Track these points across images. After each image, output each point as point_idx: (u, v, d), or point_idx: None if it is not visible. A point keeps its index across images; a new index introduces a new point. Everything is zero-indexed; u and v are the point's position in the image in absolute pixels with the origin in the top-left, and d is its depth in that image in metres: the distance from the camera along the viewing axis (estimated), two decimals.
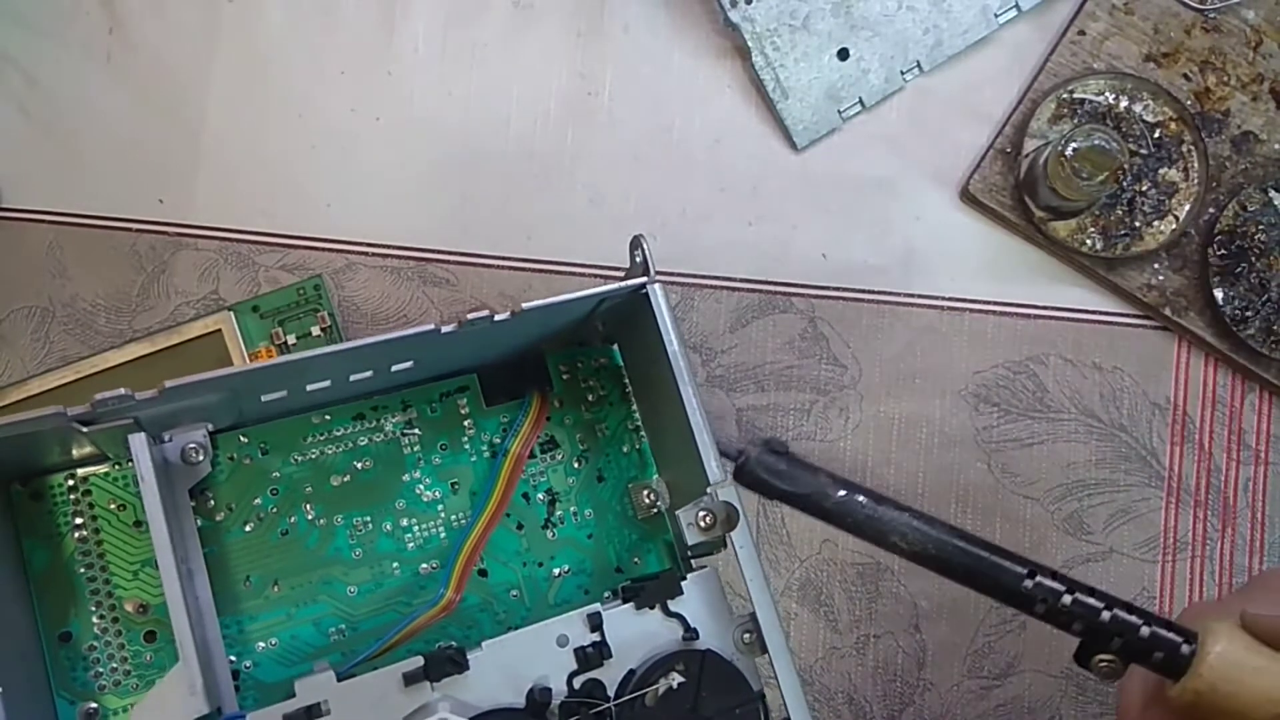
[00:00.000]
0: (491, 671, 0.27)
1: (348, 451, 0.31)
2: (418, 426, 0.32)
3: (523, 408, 0.33)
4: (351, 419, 0.32)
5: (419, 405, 0.32)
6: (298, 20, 0.41)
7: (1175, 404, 0.39)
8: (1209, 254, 0.38)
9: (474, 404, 0.33)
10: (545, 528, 0.33)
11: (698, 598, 0.30)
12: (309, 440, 0.31)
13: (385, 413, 0.32)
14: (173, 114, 0.41)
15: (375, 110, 0.41)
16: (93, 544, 0.29)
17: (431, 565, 0.32)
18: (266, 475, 0.31)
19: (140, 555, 0.30)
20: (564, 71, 0.40)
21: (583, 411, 0.34)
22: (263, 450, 0.31)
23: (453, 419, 0.33)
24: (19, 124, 0.41)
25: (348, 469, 0.31)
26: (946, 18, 0.39)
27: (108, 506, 0.30)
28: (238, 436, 0.31)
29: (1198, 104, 0.39)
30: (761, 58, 0.39)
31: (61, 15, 0.41)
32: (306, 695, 0.26)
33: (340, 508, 0.31)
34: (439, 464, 0.32)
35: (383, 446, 0.32)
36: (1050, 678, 0.38)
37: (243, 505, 0.30)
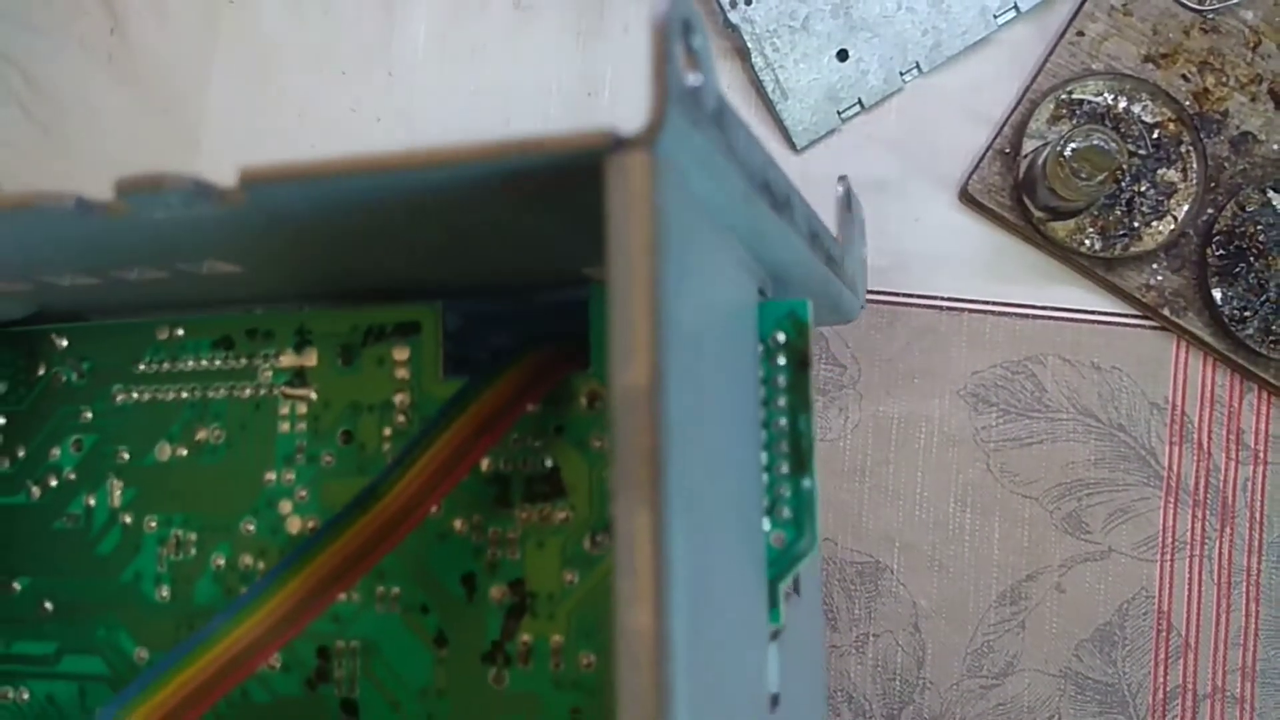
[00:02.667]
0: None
1: (193, 404, 0.18)
2: (314, 383, 0.18)
3: (485, 376, 0.16)
4: (212, 345, 0.19)
5: (325, 344, 0.18)
6: (298, 20, 0.41)
7: (1174, 404, 0.39)
8: (1207, 254, 0.38)
9: (422, 363, 0.17)
10: (490, 660, 0.17)
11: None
12: (144, 366, 0.19)
13: (268, 346, 0.18)
14: (173, 114, 0.41)
15: (375, 110, 0.41)
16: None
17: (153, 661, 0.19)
18: (75, 412, 0.19)
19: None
20: (564, 72, 0.40)
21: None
22: (79, 370, 0.19)
23: (377, 385, 0.18)
24: (18, 123, 0.41)
25: (185, 437, 0.19)
26: (945, 19, 0.39)
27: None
28: (51, 336, 0.19)
29: (1196, 105, 0.39)
30: (761, 59, 0.39)
31: (61, 15, 0.41)
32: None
33: (159, 504, 0.19)
34: (330, 468, 0.18)
35: (248, 410, 0.18)
36: (1049, 676, 0.38)
37: (35, 455, 0.19)
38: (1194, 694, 0.38)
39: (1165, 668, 0.39)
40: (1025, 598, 0.39)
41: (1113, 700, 0.38)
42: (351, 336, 0.18)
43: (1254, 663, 0.39)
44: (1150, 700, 0.38)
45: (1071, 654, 0.38)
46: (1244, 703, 0.38)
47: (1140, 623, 0.39)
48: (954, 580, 0.39)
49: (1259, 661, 0.38)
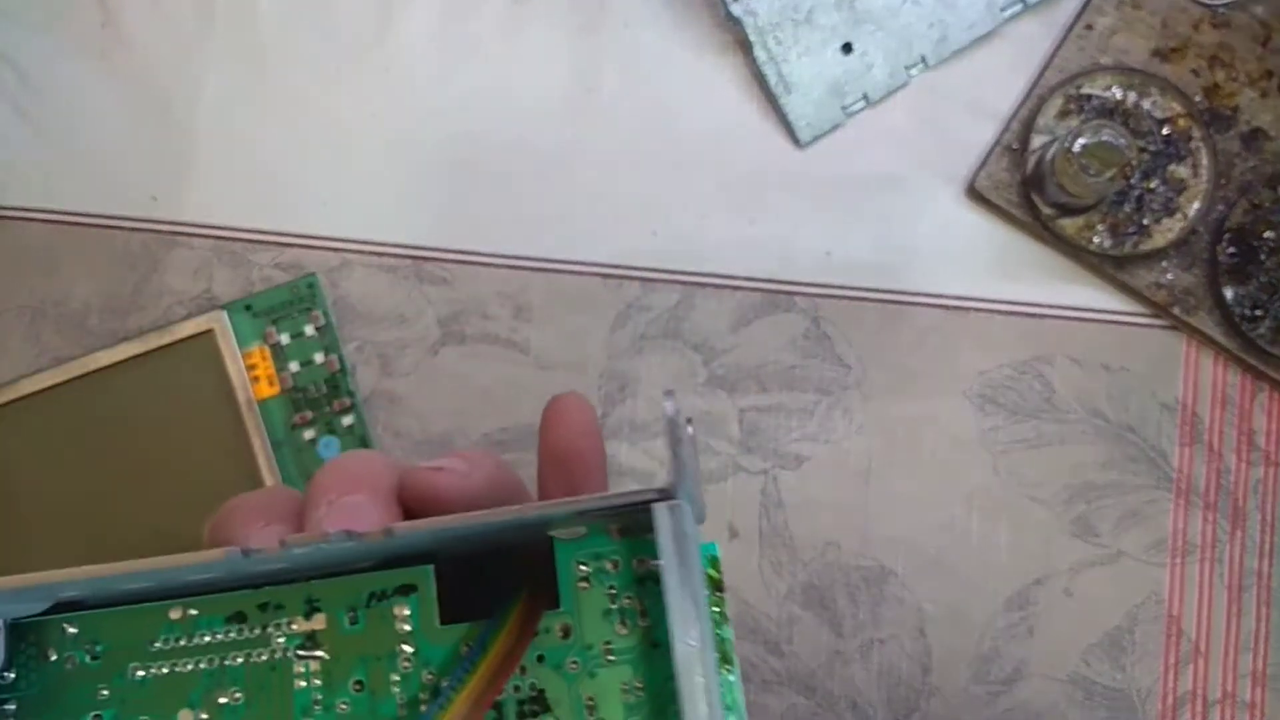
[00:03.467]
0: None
1: (210, 672, 0.20)
2: (324, 646, 0.20)
3: (491, 626, 0.20)
4: (225, 620, 0.20)
5: (333, 608, 0.20)
6: (293, 16, 0.40)
7: (1184, 404, 0.38)
8: (1219, 252, 0.37)
9: (422, 616, 0.20)
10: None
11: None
12: (159, 645, 0.20)
13: (279, 615, 0.20)
14: (166, 111, 0.40)
15: (371, 107, 0.40)
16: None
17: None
18: (92, 690, 0.20)
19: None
20: (563, 68, 0.40)
21: (601, 653, 0.19)
22: (92, 653, 0.20)
23: (382, 639, 0.20)
24: (11, 121, 0.41)
25: (205, 702, 0.20)
26: (952, 12, 0.38)
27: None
28: (61, 625, 0.20)
29: (1206, 100, 0.38)
30: (764, 52, 0.38)
31: (54, 11, 0.41)
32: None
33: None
34: (346, 713, 0.20)
35: (264, 672, 0.20)
36: (1058, 682, 0.38)
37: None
38: (1204, 700, 0.38)
39: (1175, 673, 0.38)
40: (1033, 602, 0.38)
41: (1122, 706, 0.38)
42: (356, 601, 0.20)
43: (1264, 668, 0.38)
44: (1160, 706, 0.38)
45: (1080, 659, 0.38)
46: (1255, 708, 0.38)
47: (1150, 627, 0.38)
48: (961, 585, 0.38)
49: (1270, 666, 0.38)
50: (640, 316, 0.39)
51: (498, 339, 0.39)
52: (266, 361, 0.38)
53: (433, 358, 0.39)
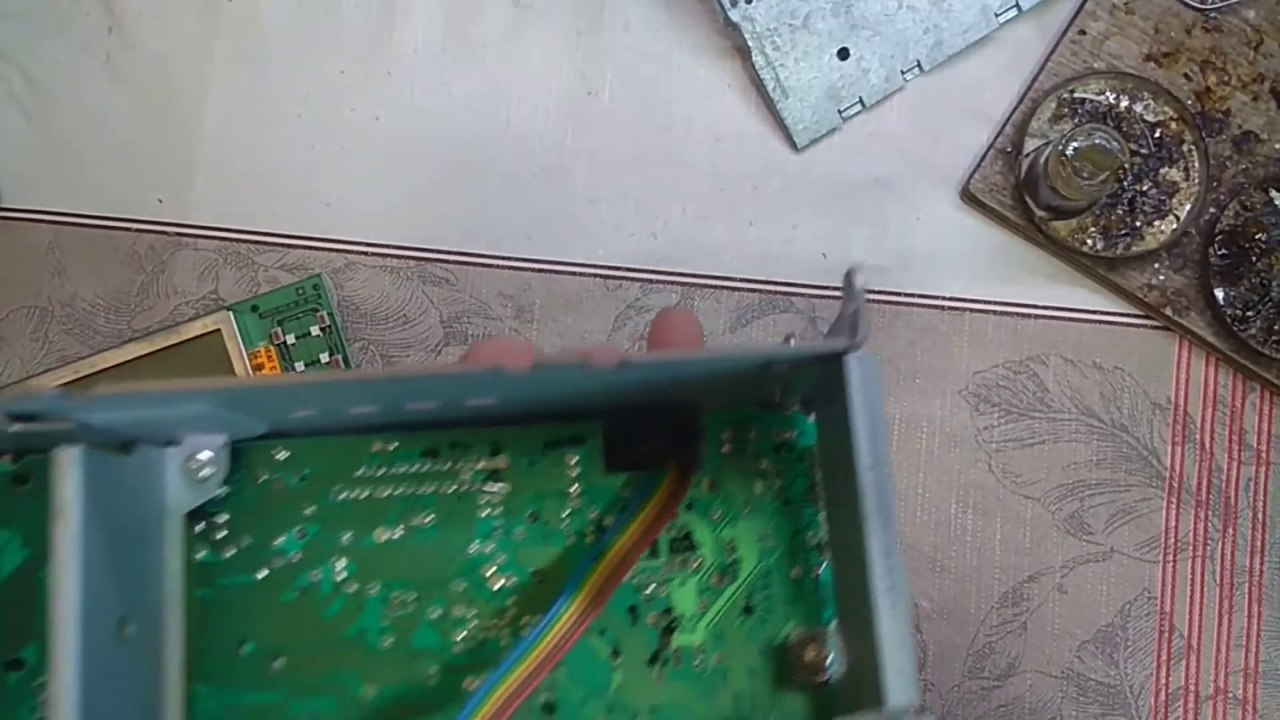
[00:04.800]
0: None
1: (405, 498, 0.23)
2: (506, 480, 0.24)
3: (655, 478, 0.23)
4: (421, 454, 0.24)
5: (514, 452, 0.23)
6: (297, 20, 0.41)
7: (1176, 404, 0.39)
8: (1210, 254, 0.38)
9: (589, 464, 0.24)
10: (653, 663, 0.23)
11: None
12: (361, 472, 0.23)
13: (466, 454, 0.23)
14: (172, 113, 0.41)
15: (375, 110, 0.40)
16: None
17: (478, 681, 0.23)
18: (298, 508, 0.23)
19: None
20: (564, 71, 0.40)
21: (741, 506, 0.24)
22: (301, 475, 0.23)
23: (555, 479, 0.24)
24: (18, 124, 0.41)
25: (400, 522, 0.23)
26: (947, 17, 0.39)
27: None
28: (273, 450, 0.23)
29: (1198, 104, 0.39)
30: (762, 57, 0.39)
31: (60, 14, 0.41)
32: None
33: (379, 573, 0.23)
34: (522, 539, 0.23)
35: (452, 501, 0.23)
36: (1051, 678, 0.38)
37: (260, 543, 0.23)
38: (1196, 695, 0.38)
39: (1168, 669, 0.38)
40: (1027, 599, 0.38)
41: (1115, 701, 0.38)
42: (534, 446, 0.24)
43: (1256, 664, 0.38)
44: (1152, 702, 0.38)
45: (1073, 655, 0.38)
46: (1246, 704, 0.38)
47: (1142, 624, 0.38)
48: (955, 581, 0.39)
49: (1261, 663, 0.38)
50: (640, 317, 0.40)
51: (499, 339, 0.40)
52: (273, 361, 0.39)
53: (435, 358, 0.40)
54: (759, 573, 0.24)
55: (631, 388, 0.21)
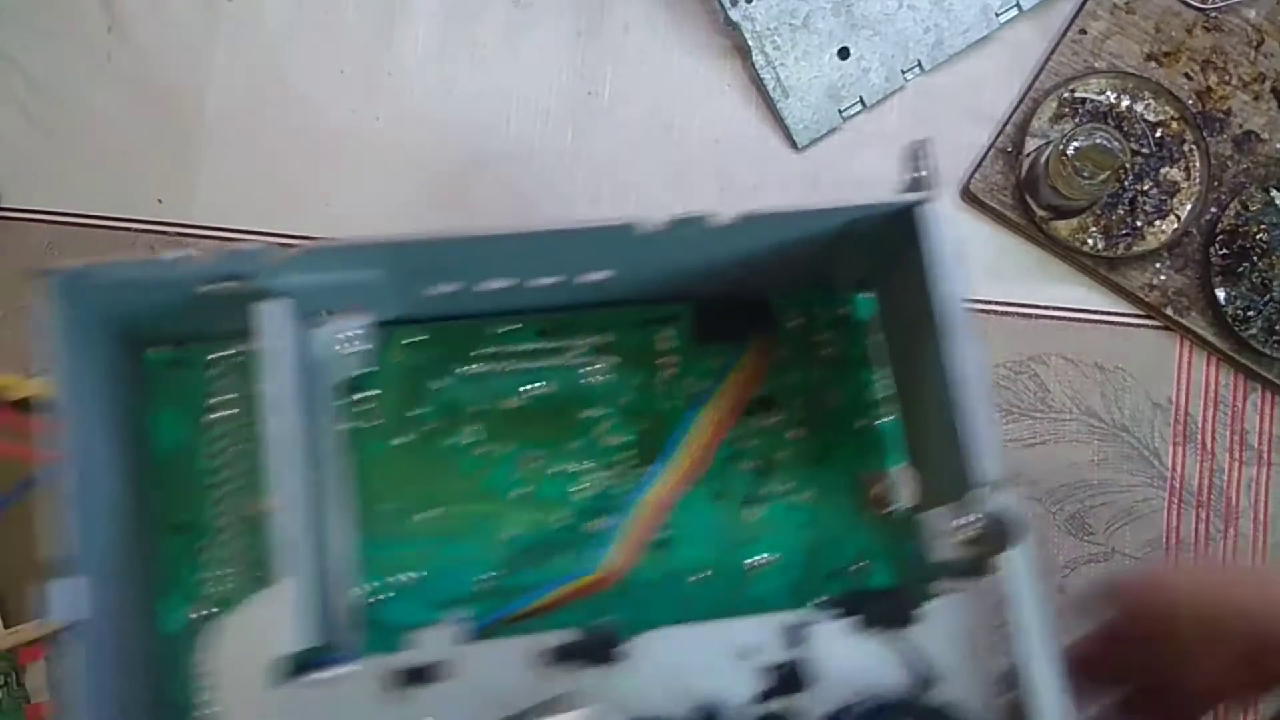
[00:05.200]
0: (650, 671, 0.22)
1: (525, 372, 0.27)
2: (612, 354, 0.27)
3: (739, 351, 0.27)
4: (536, 334, 0.27)
5: (616, 329, 0.27)
6: (297, 20, 0.41)
7: (1177, 404, 0.39)
8: (1211, 254, 0.38)
9: (681, 339, 0.27)
10: (748, 504, 0.27)
11: (939, 632, 0.23)
12: (484, 351, 0.27)
13: (574, 332, 0.27)
14: (172, 114, 0.41)
15: (375, 110, 0.40)
16: (229, 426, 0.25)
17: (598, 523, 0.27)
18: (433, 380, 0.26)
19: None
20: (564, 71, 0.40)
21: (812, 369, 0.28)
22: (434, 355, 0.26)
23: (653, 353, 0.27)
24: (18, 124, 0.41)
25: (522, 393, 0.27)
26: (947, 17, 0.39)
27: (249, 388, 0.25)
28: (407, 332, 0.27)
29: (1199, 103, 0.39)
30: (762, 57, 0.39)
31: (61, 14, 0.41)
32: (425, 652, 0.21)
33: (507, 437, 0.27)
34: (627, 404, 0.27)
35: (566, 373, 0.27)
36: None
37: (401, 413, 0.26)
38: None
39: None
40: None
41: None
42: (634, 324, 0.27)
43: None
44: None
45: None
46: None
47: None
48: None
49: None
50: None
51: None
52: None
53: None
54: (829, 425, 0.28)
55: (717, 272, 0.25)
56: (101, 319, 0.23)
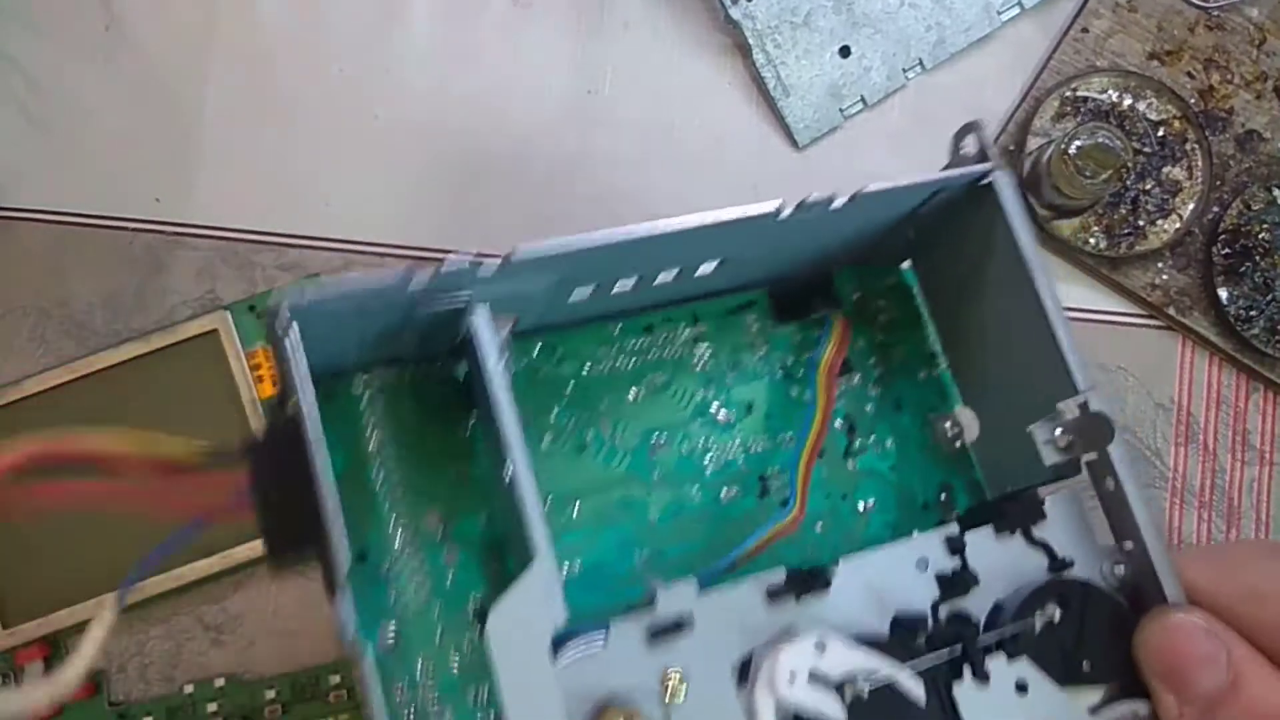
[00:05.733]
0: (852, 592, 0.25)
1: (640, 365, 0.30)
2: (708, 341, 0.30)
3: (825, 327, 0.31)
4: (642, 331, 0.30)
5: (706, 320, 0.30)
6: (295, 19, 0.41)
7: (1179, 404, 0.39)
8: (1213, 253, 0.38)
9: (763, 321, 0.31)
10: (846, 457, 0.31)
11: (1061, 524, 0.27)
12: (602, 350, 0.29)
13: (674, 325, 0.30)
14: (169, 113, 0.41)
15: (374, 109, 0.40)
16: (391, 452, 0.26)
17: (731, 491, 0.29)
18: (562, 385, 0.29)
19: (441, 465, 0.26)
20: (564, 70, 0.40)
21: (875, 333, 0.32)
22: (558, 358, 0.29)
23: (742, 336, 0.31)
24: (16, 123, 0.41)
25: (641, 383, 0.29)
26: (949, 15, 0.38)
27: (403, 411, 0.26)
28: (534, 342, 0.28)
29: (1201, 102, 0.39)
30: (762, 55, 0.39)
31: (60, 14, 0.41)
32: (669, 606, 0.23)
33: (636, 424, 0.29)
34: (731, 384, 0.30)
35: (675, 363, 0.30)
36: None
37: (540, 417, 0.28)
38: None
39: None
40: None
41: None
42: (720, 313, 0.31)
43: None
44: None
45: None
46: None
47: None
48: None
49: None
50: None
51: None
52: (270, 361, 0.39)
53: None
54: (898, 380, 0.31)
55: (785, 257, 0.29)
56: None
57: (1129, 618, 0.26)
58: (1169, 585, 0.25)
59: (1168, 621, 0.25)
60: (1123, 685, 0.25)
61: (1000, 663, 0.25)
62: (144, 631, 0.39)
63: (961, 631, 0.25)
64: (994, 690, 0.25)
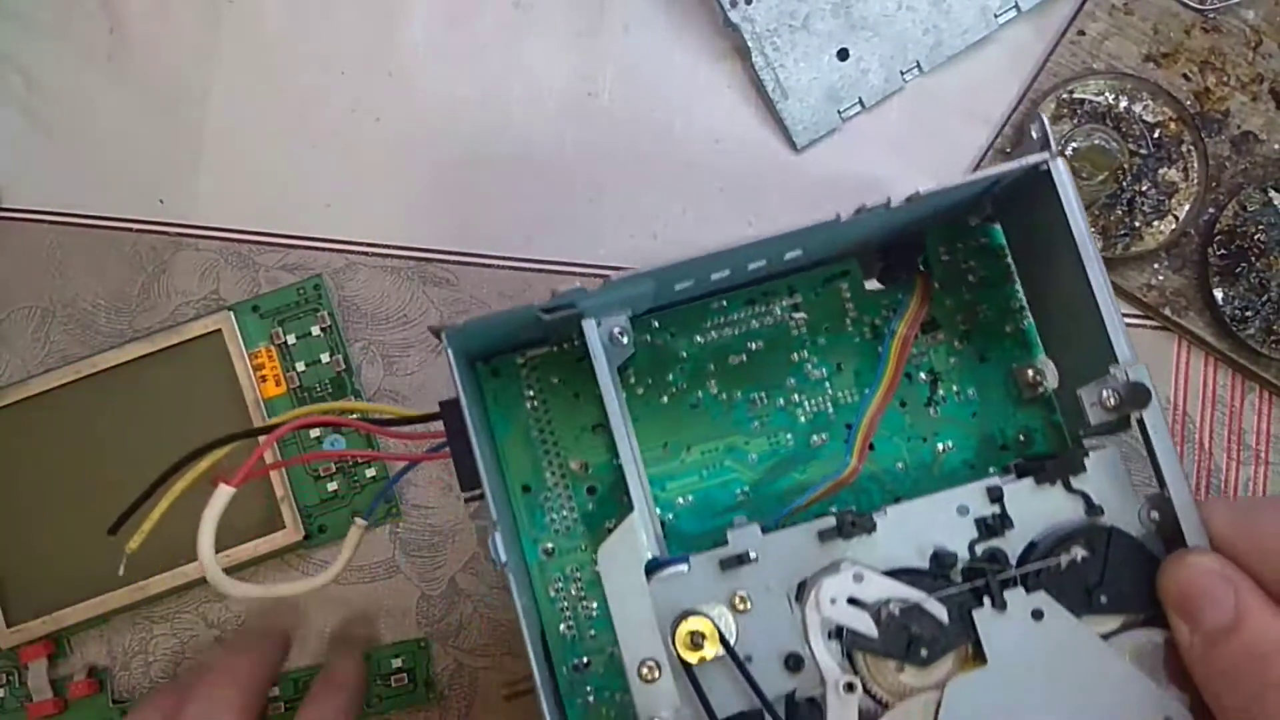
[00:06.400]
0: (896, 535, 0.30)
1: (742, 334, 0.35)
2: (803, 310, 0.35)
3: (907, 290, 0.35)
4: (744, 304, 0.35)
5: (803, 290, 0.35)
6: (298, 20, 0.41)
7: (1175, 404, 0.39)
8: (1209, 254, 0.38)
9: (855, 288, 0.35)
10: (928, 405, 0.35)
11: (1101, 476, 0.30)
12: (708, 324, 0.35)
13: (773, 298, 0.35)
14: (173, 114, 0.41)
15: (375, 110, 0.41)
16: (542, 413, 0.34)
17: (821, 437, 0.34)
18: (675, 355, 0.35)
19: (580, 422, 0.34)
20: (564, 71, 0.40)
21: (963, 293, 0.35)
22: (671, 334, 0.35)
23: (835, 302, 0.35)
24: (19, 124, 0.41)
25: (743, 349, 0.35)
26: (946, 18, 0.39)
27: (551, 381, 0.34)
28: (650, 322, 0.34)
29: (1197, 104, 0.39)
30: (761, 58, 0.39)
31: (61, 15, 0.41)
32: (737, 544, 0.29)
33: (739, 384, 0.35)
34: (824, 345, 0.35)
35: (772, 330, 0.35)
36: None
37: (658, 381, 0.34)
38: None
39: None
40: None
41: None
42: (815, 284, 0.35)
43: None
44: None
45: None
46: None
47: None
48: None
49: None
50: None
51: None
52: (273, 361, 0.39)
53: (436, 358, 0.40)
54: (983, 334, 0.35)
55: (879, 233, 0.33)
56: (464, 352, 0.32)
57: (1156, 558, 0.29)
58: (1190, 530, 0.28)
59: (1184, 561, 0.28)
60: (1147, 618, 0.29)
61: (1018, 594, 0.29)
62: (148, 629, 0.39)
63: (990, 567, 0.29)
64: (1010, 617, 0.29)
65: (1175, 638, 0.28)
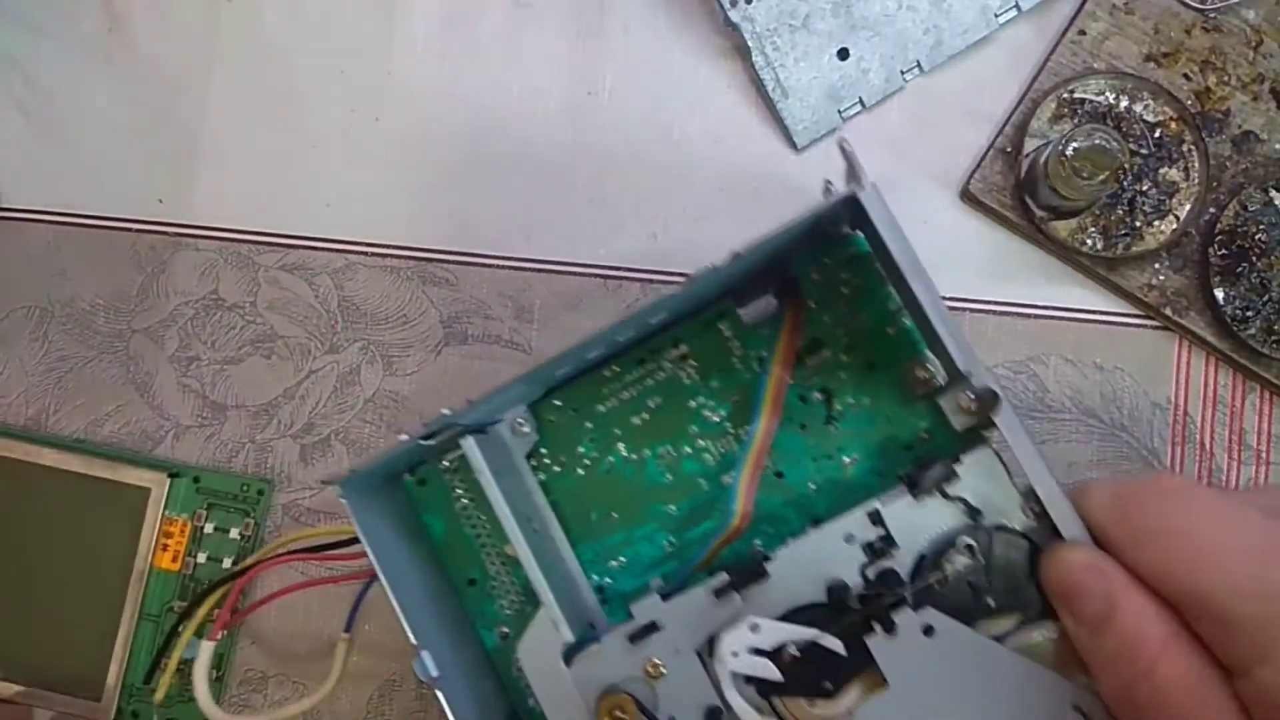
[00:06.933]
0: (791, 575, 0.30)
1: (640, 394, 0.35)
2: (692, 358, 0.35)
3: (775, 323, 0.34)
4: (636, 365, 0.35)
5: (688, 339, 0.35)
6: (297, 20, 0.41)
7: (1176, 404, 0.39)
8: (1210, 254, 0.38)
9: (734, 326, 0.35)
10: (828, 423, 0.35)
11: (978, 479, 0.30)
12: (605, 391, 0.36)
13: (660, 353, 0.35)
14: (172, 114, 0.41)
15: (375, 110, 0.41)
16: (474, 509, 0.36)
17: (730, 477, 0.34)
18: (581, 428, 0.36)
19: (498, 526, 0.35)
20: (564, 71, 0.40)
21: (840, 305, 0.35)
22: (573, 410, 0.36)
23: (718, 343, 0.35)
24: (18, 124, 0.41)
25: (643, 408, 0.35)
26: (946, 18, 0.39)
27: (475, 478, 0.34)
28: (551, 402, 0.36)
29: (1198, 104, 0.39)
30: (761, 57, 0.39)
31: (61, 15, 0.41)
32: (642, 616, 0.31)
33: (646, 442, 0.35)
34: (717, 387, 0.35)
35: (666, 383, 0.35)
36: None
37: (570, 456, 0.36)
38: None
39: None
40: None
41: None
42: (698, 330, 0.35)
43: None
44: None
45: None
46: None
47: None
48: None
49: None
50: None
51: (499, 339, 0.40)
52: (183, 537, 0.39)
53: (435, 358, 0.40)
54: (868, 341, 0.34)
55: (745, 271, 0.32)
56: (377, 481, 0.34)
57: (1032, 548, 0.29)
58: (1064, 524, 0.29)
59: (1056, 556, 0.29)
60: (1038, 612, 0.29)
61: (907, 614, 0.29)
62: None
63: (884, 589, 0.29)
64: (902, 638, 0.29)
65: (1066, 628, 0.28)
